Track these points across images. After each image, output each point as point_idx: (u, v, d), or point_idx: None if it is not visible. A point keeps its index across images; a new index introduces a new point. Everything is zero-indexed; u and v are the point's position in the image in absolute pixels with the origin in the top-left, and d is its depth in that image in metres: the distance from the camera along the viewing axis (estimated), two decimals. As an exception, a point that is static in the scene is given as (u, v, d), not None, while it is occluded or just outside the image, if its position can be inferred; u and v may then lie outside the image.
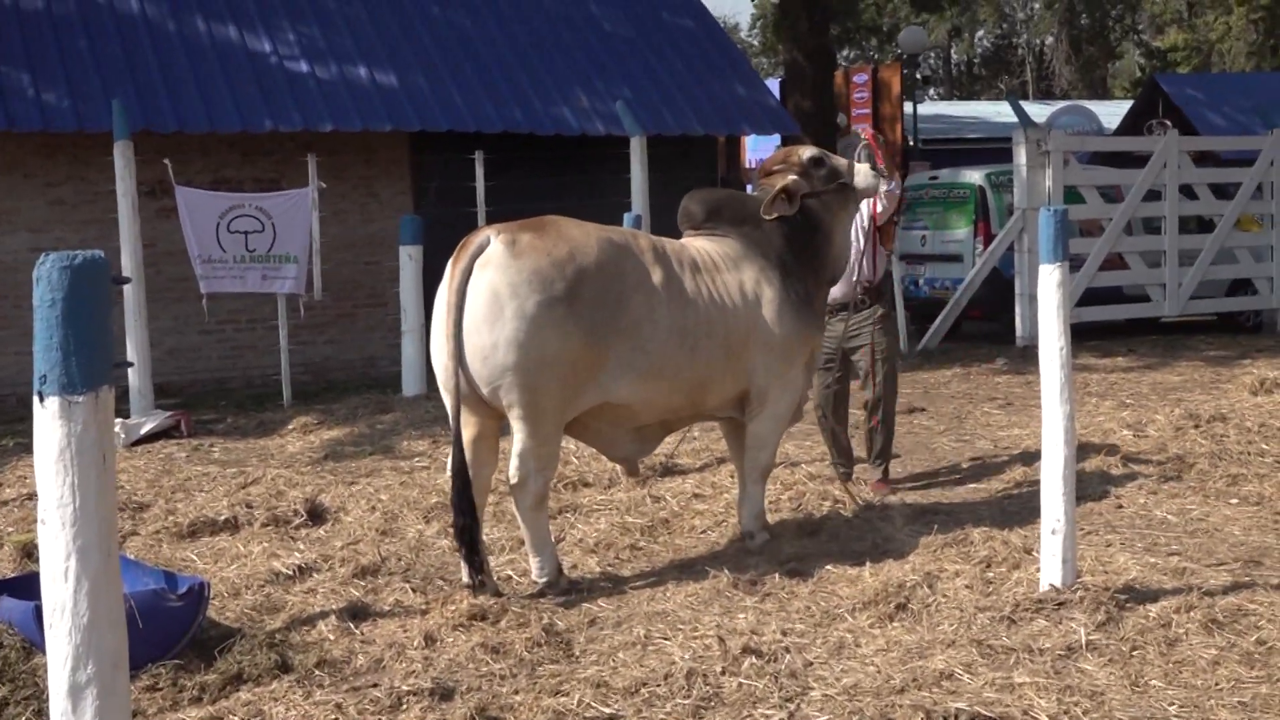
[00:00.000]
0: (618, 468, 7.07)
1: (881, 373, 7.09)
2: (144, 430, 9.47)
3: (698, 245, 5.88)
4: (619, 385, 5.41)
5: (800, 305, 5.93)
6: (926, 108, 35.46)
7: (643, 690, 4.34)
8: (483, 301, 5.16)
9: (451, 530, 5.39)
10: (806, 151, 6.25)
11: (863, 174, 6.39)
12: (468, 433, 5.43)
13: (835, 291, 7.00)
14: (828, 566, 5.65)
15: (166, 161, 10.70)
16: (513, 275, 5.15)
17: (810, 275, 6.10)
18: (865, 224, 7.12)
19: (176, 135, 11.79)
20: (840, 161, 6.36)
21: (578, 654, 4.83)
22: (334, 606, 5.31)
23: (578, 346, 5.22)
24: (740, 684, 4.38)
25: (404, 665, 4.73)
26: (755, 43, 50.24)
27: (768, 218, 5.96)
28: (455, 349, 5.19)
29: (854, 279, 7.09)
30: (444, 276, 5.33)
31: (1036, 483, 5.88)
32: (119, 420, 9.47)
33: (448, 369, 5.24)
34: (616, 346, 5.35)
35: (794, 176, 6.09)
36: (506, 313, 5.13)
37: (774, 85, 22.21)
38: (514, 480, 5.35)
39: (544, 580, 5.49)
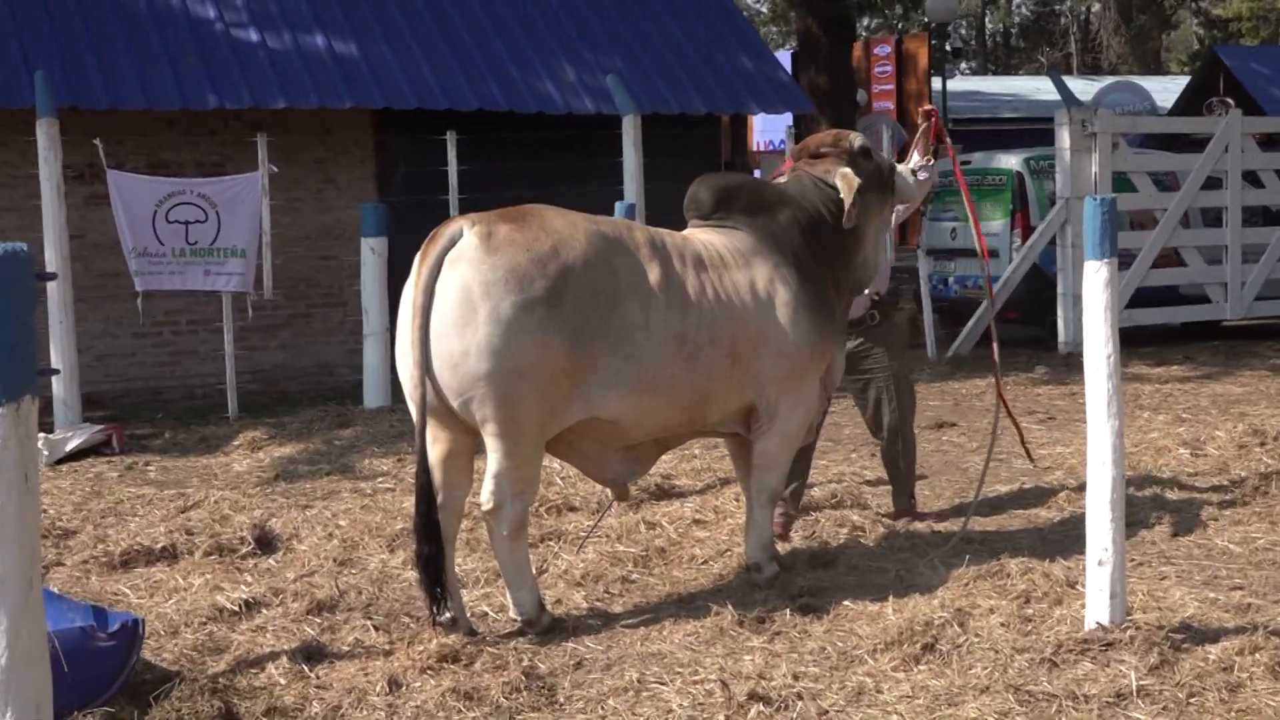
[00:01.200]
0: (606, 491, 7.07)
1: (896, 397, 7.07)
2: (70, 446, 9.46)
3: (704, 238, 5.88)
4: (608, 398, 5.41)
5: (819, 311, 5.92)
6: (957, 83, 35.51)
7: (636, 742, 4.34)
8: (453, 302, 5.16)
9: (415, 560, 5.37)
10: (858, 140, 6.28)
11: (905, 179, 6.44)
12: (438, 450, 5.43)
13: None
14: (845, 602, 5.66)
15: (97, 142, 10.69)
16: (487, 273, 5.15)
17: (832, 281, 6.10)
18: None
19: (108, 112, 11.78)
20: (886, 160, 6.40)
21: (562, 701, 4.82)
22: (285, 647, 5.31)
23: (559, 354, 5.22)
24: (746, 735, 4.38)
25: (365, 713, 4.72)
26: (764, 10, 50.34)
27: (850, 226, 6.02)
28: (421, 356, 5.19)
29: (867, 290, 7.04)
30: (411, 273, 5.33)
31: (1081, 508, 5.88)
32: (42, 435, 9.45)
33: (413, 378, 5.24)
34: (605, 355, 5.35)
35: (849, 169, 6.11)
36: (479, 315, 5.13)
37: (785, 58, 22.26)
38: (488, 505, 5.35)
39: (523, 618, 5.49)
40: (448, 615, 5.39)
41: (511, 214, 5.39)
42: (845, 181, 6.08)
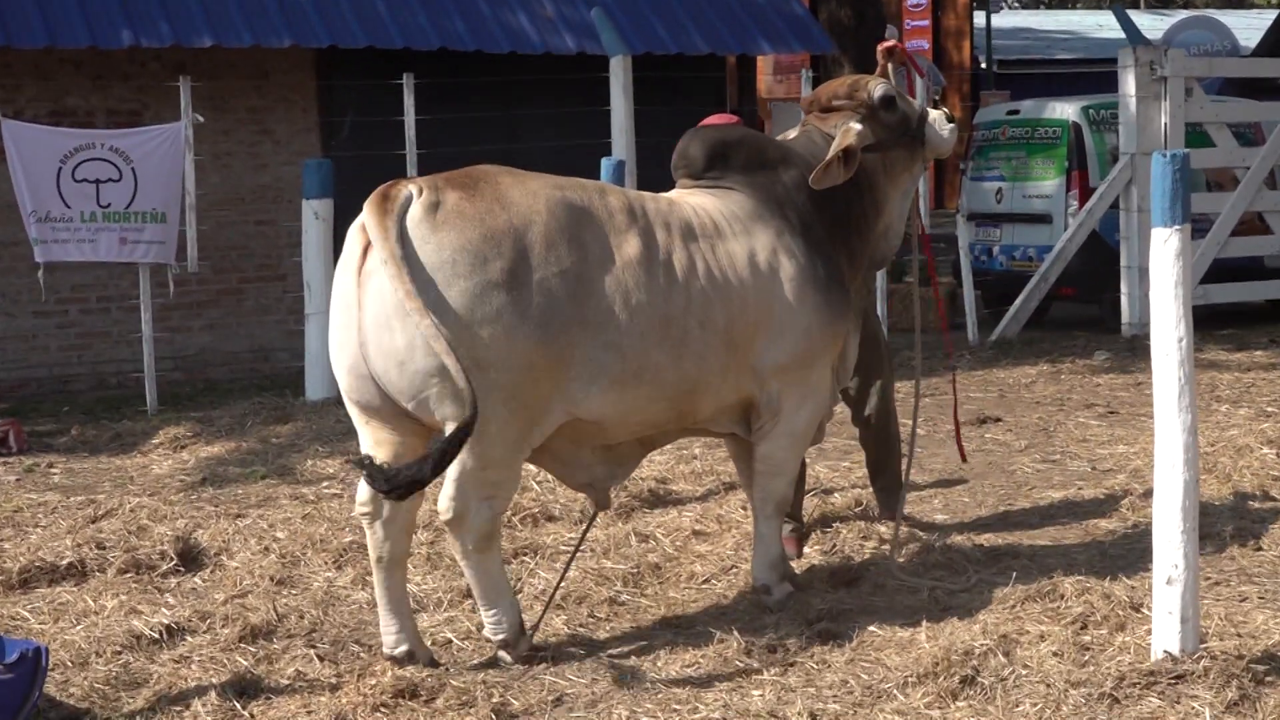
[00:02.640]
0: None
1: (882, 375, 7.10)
2: (-40, 445, 9.46)
3: (694, 202, 5.87)
4: (590, 395, 5.40)
5: (830, 287, 5.93)
6: (1004, 19, 35.53)
7: (625, 791, 4.37)
8: (392, 288, 5.14)
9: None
10: (878, 88, 6.25)
11: (939, 128, 6.42)
12: (382, 455, 5.37)
13: None
14: (870, 628, 5.67)
15: (-10, 87, 10.67)
16: (430, 254, 5.14)
17: (846, 252, 6.12)
18: None
19: (3, 52, 11.75)
20: (914, 107, 6.38)
21: (539, 743, 4.84)
22: (214, 680, 5.31)
23: (529, 347, 5.20)
24: (754, 783, 4.41)
25: (307, 758, 4.74)
26: (776, -69, 50.26)
27: (817, 187, 5.97)
28: (357, 345, 5.19)
29: None
30: (346, 242, 5.31)
31: (1147, 517, 5.89)
32: (-73, 432, 9.47)
33: (351, 375, 5.25)
34: (583, 343, 5.33)
35: (857, 125, 6.09)
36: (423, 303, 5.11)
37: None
38: (447, 515, 5.30)
39: (499, 638, 5.47)
40: (403, 649, 5.39)
41: (461, 179, 5.36)
42: (840, 136, 6.05)
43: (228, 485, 8.46)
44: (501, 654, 5.46)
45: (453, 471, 5.27)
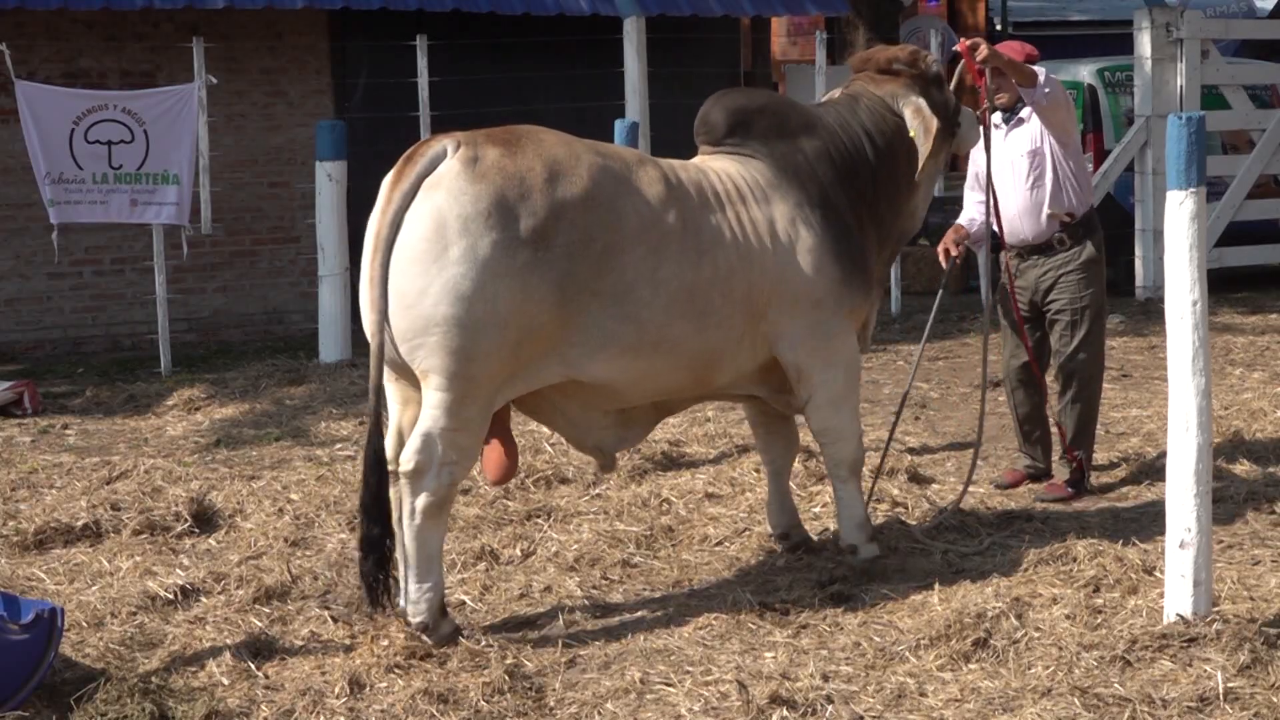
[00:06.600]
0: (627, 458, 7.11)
1: (1081, 333, 7.06)
2: (-25, 406, 9.48)
3: (717, 167, 5.86)
4: (593, 361, 5.40)
5: (848, 260, 5.91)
6: (1019, -21, 35.28)
7: (638, 752, 4.39)
8: (421, 234, 5.14)
9: (359, 543, 5.34)
10: (935, 64, 6.29)
11: (969, 121, 6.49)
12: (410, 413, 5.41)
13: (1026, 229, 7.01)
14: (883, 591, 5.68)
15: (2, 47, 10.64)
16: (467, 205, 5.13)
17: (874, 226, 6.13)
18: (1053, 143, 7.01)
19: (15, 12, 11.72)
20: (951, 96, 6.42)
21: (552, 704, 4.85)
22: (229, 641, 5.34)
23: (541, 307, 5.20)
24: (767, 744, 4.41)
25: (322, 718, 4.75)
26: (791, -108, 49.95)
27: (920, 179, 6.15)
28: (379, 296, 5.19)
29: (1048, 211, 7.03)
30: (379, 197, 5.32)
31: (1160, 480, 5.89)
32: (-58, 393, 9.49)
33: (372, 323, 5.24)
34: (594, 313, 5.33)
35: (922, 100, 6.13)
36: (451, 253, 5.10)
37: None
38: (408, 465, 5.23)
39: (417, 619, 5.31)
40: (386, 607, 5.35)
41: (503, 136, 5.36)
42: (920, 119, 6.08)
43: (242, 447, 8.48)
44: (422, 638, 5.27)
45: (424, 424, 5.23)
